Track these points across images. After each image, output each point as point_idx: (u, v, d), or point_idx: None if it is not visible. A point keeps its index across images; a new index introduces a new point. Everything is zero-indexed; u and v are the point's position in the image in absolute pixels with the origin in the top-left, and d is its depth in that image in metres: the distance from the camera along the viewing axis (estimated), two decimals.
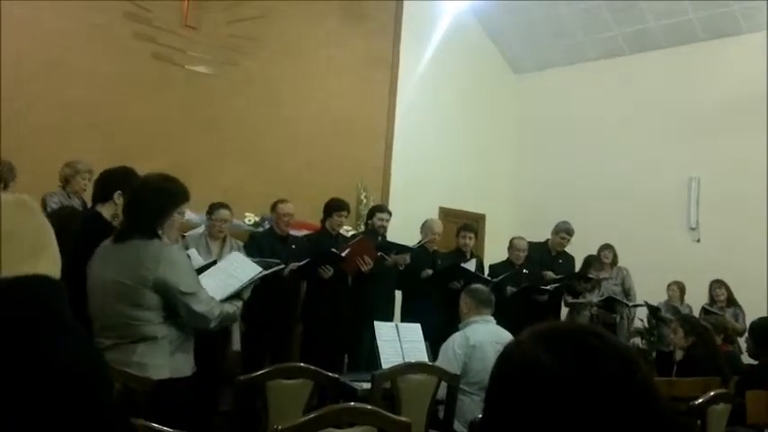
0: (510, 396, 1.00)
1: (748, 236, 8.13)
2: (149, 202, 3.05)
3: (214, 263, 3.92)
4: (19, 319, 0.94)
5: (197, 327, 3.07)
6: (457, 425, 3.90)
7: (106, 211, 3.62)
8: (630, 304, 7.53)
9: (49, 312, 0.97)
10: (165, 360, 2.97)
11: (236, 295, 3.33)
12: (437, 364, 4.26)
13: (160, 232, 3.05)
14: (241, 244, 5.97)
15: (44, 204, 5.52)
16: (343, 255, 5.88)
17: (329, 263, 5.87)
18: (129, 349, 2.91)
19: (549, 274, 7.22)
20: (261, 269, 3.56)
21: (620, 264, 7.84)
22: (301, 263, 5.76)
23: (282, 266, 3.98)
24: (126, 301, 2.92)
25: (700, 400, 3.71)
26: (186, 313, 3.00)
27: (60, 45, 7.03)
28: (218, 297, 3.20)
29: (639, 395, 0.95)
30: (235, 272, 3.51)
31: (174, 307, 2.98)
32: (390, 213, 6.74)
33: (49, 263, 1.01)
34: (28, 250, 0.97)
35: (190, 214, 6.55)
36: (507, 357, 1.04)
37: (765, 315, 5.15)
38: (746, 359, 5.57)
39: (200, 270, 3.51)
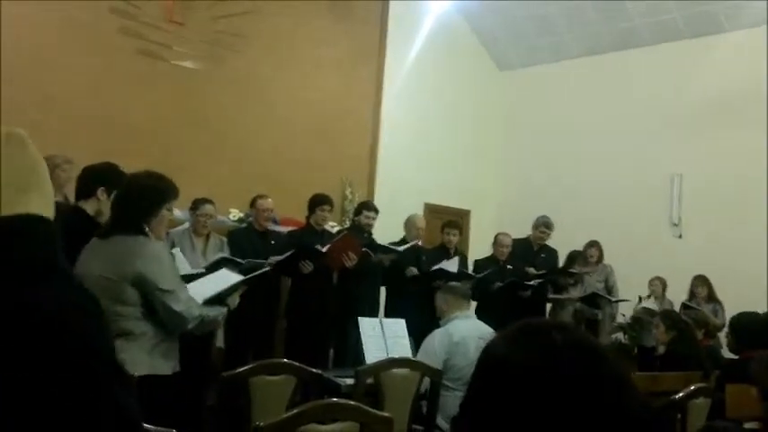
0: (483, 393, 1.03)
1: (730, 232, 8.20)
2: (137, 199, 3.05)
3: (201, 275, 3.94)
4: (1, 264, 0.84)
5: (174, 326, 3.04)
6: (440, 420, 3.93)
7: (89, 207, 3.58)
8: (613, 299, 7.58)
9: (37, 256, 0.86)
10: (144, 356, 2.96)
11: (218, 301, 3.29)
12: (418, 359, 4.30)
13: (147, 229, 3.05)
14: (225, 240, 5.97)
15: None
16: (325, 250, 5.89)
17: (310, 258, 5.87)
18: None
19: (531, 270, 7.27)
20: (242, 277, 3.56)
21: (604, 260, 7.91)
22: (282, 257, 5.74)
23: (265, 269, 3.96)
24: (108, 296, 2.91)
25: (680, 395, 3.76)
26: (163, 311, 2.98)
27: (44, 41, 6.99)
28: (199, 299, 3.18)
29: (602, 389, 0.96)
30: (219, 279, 3.51)
31: (152, 303, 2.97)
32: (377, 211, 6.76)
33: (41, 201, 0.91)
34: (17, 188, 0.88)
35: (175, 211, 6.56)
36: (482, 355, 1.06)
37: (746, 310, 5.18)
38: (727, 354, 5.62)
39: (187, 278, 3.51)
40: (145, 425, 2.00)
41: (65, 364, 0.79)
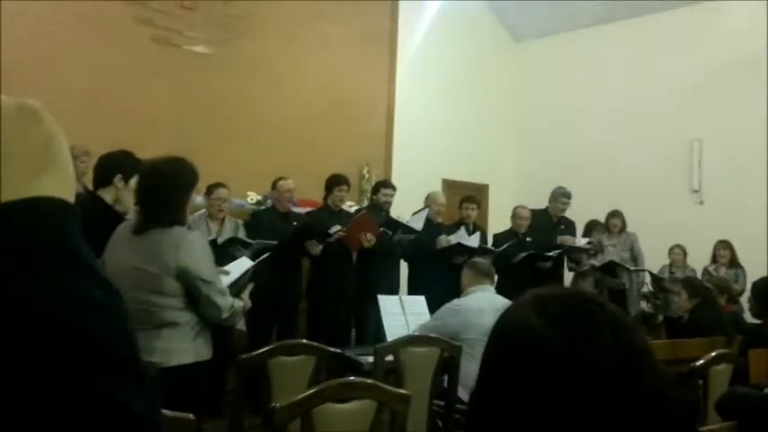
0: (501, 359, 0.99)
1: (750, 197, 8.10)
2: (166, 188, 3.01)
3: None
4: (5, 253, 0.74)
5: (212, 317, 3.06)
6: (461, 391, 3.94)
7: (107, 195, 3.57)
8: (632, 269, 7.53)
9: (49, 245, 0.76)
10: (189, 344, 2.99)
11: (235, 292, 3.28)
12: (426, 323, 4.34)
13: (179, 218, 3.03)
14: (240, 222, 6.00)
15: None
16: (342, 232, 5.90)
17: (314, 237, 5.87)
18: (152, 335, 2.91)
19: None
20: (252, 263, 3.56)
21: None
22: (278, 242, 5.71)
23: (266, 255, 3.95)
24: (147, 289, 2.92)
25: (701, 362, 3.74)
26: (205, 302, 2.99)
27: (57, 32, 7.02)
28: None
29: (635, 366, 0.93)
30: (235, 271, 3.51)
31: (195, 293, 2.98)
32: (395, 188, 6.78)
33: (55, 181, 0.79)
34: (29, 170, 0.77)
35: (194, 196, 6.60)
36: (503, 320, 1.02)
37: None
38: (750, 319, 5.59)
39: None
40: (164, 411, 2.04)
41: (47, 358, 0.71)
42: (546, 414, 0.91)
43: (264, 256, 3.92)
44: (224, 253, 4.99)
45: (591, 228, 7.62)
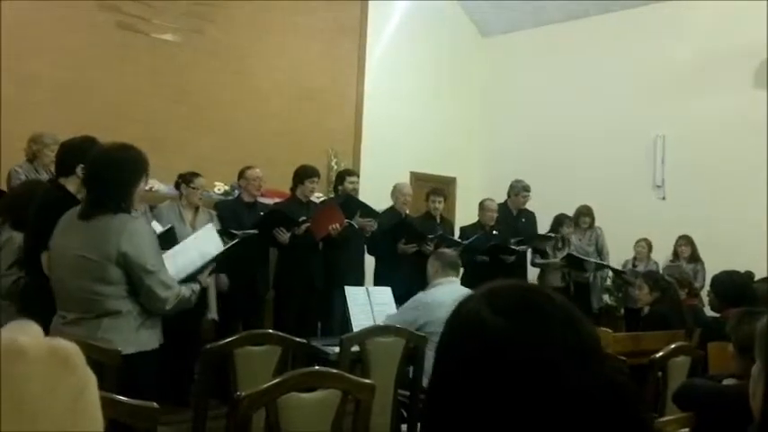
0: (452, 350, 1.00)
1: (711, 193, 8.24)
2: (114, 174, 2.96)
3: (170, 230, 3.87)
4: None
5: (153, 308, 3.01)
6: (425, 381, 3.97)
7: (70, 184, 3.52)
8: (593, 261, 7.64)
9: None
10: (131, 335, 2.95)
11: (192, 278, 3.25)
12: (392, 315, 4.37)
13: (125, 205, 2.99)
14: (214, 213, 5.98)
15: (10, 178, 5.47)
16: (310, 222, 5.92)
17: (283, 225, 5.87)
18: (93, 324, 2.89)
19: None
20: (220, 247, 3.54)
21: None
22: (249, 231, 5.72)
23: (235, 241, 3.93)
24: (89, 276, 2.89)
25: (660, 354, 3.81)
26: (145, 292, 2.95)
27: (22, 17, 6.89)
28: (178, 277, 3.15)
29: (583, 356, 0.94)
30: (202, 248, 3.47)
31: (137, 283, 2.94)
32: (358, 175, 6.85)
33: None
34: (57, 427, 0.65)
35: (159, 185, 6.55)
36: (455, 312, 1.03)
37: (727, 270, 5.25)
38: (710, 312, 5.70)
39: (162, 238, 3.49)
40: (127, 399, 2.03)
41: None
42: (495, 403, 0.92)
43: (234, 242, 3.91)
44: None
45: (560, 222, 7.69)
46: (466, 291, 4.28)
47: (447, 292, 4.33)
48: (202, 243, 3.55)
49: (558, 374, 0.92)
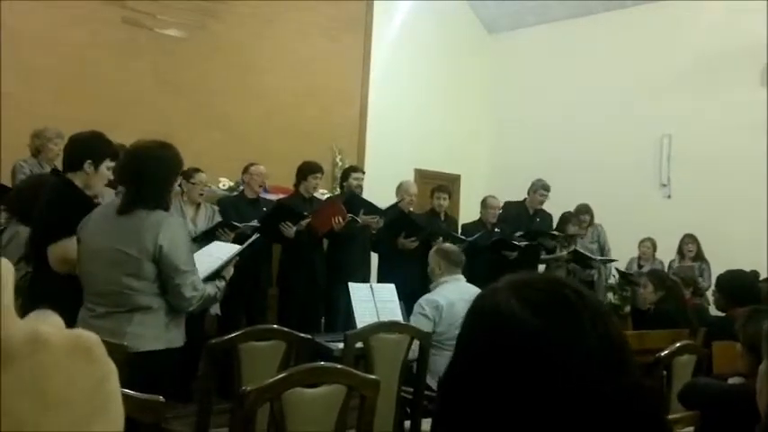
0: (480, 343, 0.97)
1: (716, 192, 8.22)
2: (154, 171, 2.99)
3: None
4: None
5: (179, 307, 3.03)
6: (429, 380, 3.97)
7: (78, 179, 3.50)
8: (598, 258, 7.61)
9: None
10: (161, 331, 2.97)
11: (217, 275, 3.28)
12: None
13: (163, 202, 3.03)
14: (216, 209, 5.98)
15: (15, 173, 5.47)
16: (312, 217, 5.91)
17: (290, 219, 5.87)
18: (124, 318, 2.90)
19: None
20: (239, 247, 3.55)
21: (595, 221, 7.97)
22: (254, 224, 5.71)
23: (254, 237, 3.95)
24: (123, 271, 2.90)
25: (665, 352, 3.80)
26: (173, 291, 2.97)
27: (28, 13, 6.89)
28: (203, 275, 3.16)
29: (613, 354, 0.92)
30: (217, 253, 3.49)
31: (166, 280, 2.95)
32: (363, 172, 6.82)
33: (109, 426, 0.68)
34: (81, 415, 0.65)
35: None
36: (480, 304, 1.01)
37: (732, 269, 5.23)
38: (715, 312, 5.69)
39: None
40: (134, 393, 2.02)
41: None
42: (523, 398, 0.91)
43: (253, 238, 3.92)
44: (210, 237, 4.99)
45: (566, 219, 7.67)
46: (474, 288, 4.28)
47: (455, 290, 4.31)
48: (223, 248, 3.59)
49: (585, 376, 0.90)
